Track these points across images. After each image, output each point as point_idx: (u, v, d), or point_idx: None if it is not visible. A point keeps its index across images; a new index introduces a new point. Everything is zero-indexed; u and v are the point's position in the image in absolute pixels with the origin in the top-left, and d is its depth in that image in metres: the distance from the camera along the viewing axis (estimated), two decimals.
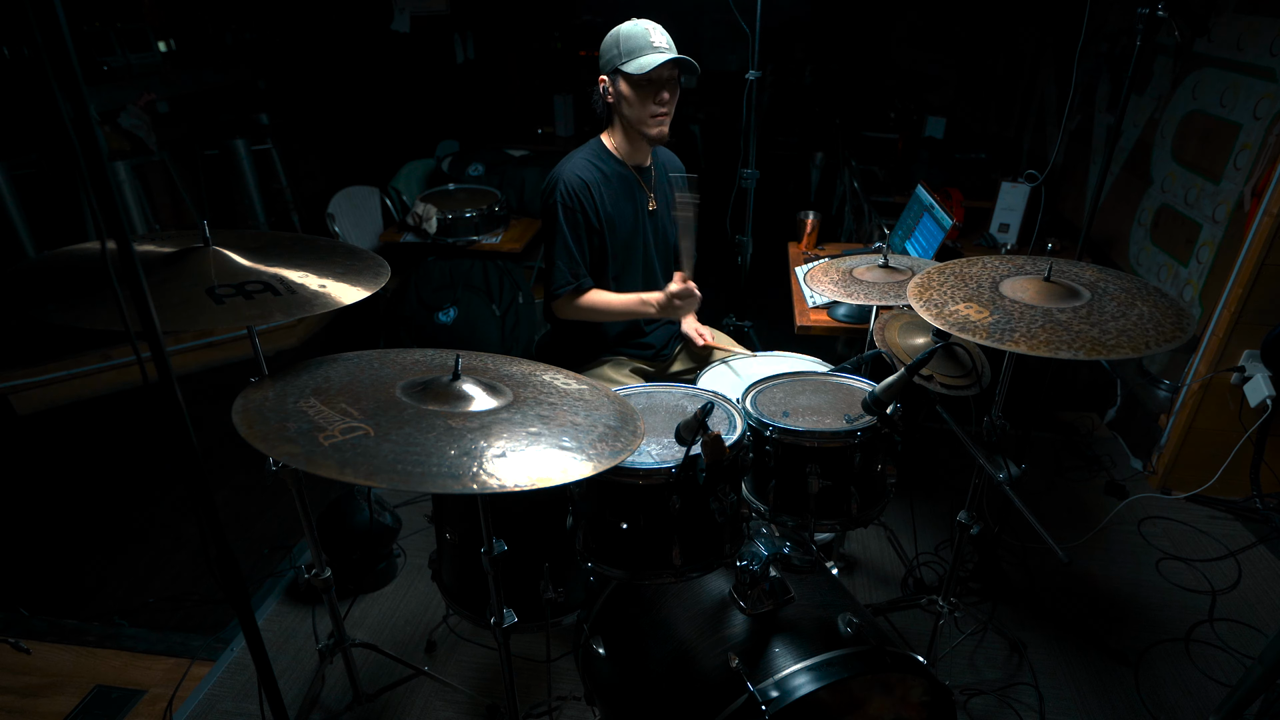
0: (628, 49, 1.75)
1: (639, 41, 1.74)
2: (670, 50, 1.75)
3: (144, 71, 3.84)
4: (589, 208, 1.85)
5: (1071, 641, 2.01)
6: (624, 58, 1.75)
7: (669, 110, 1.82)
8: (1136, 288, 1.35)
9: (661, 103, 1.79)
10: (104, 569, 2.30)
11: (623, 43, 1.76)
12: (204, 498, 1.01)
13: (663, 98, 1.78)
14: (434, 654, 1.98)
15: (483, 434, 1.05)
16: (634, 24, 1.77)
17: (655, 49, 1.74)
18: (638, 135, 1.85)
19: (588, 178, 1.85)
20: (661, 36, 1.76)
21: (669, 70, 1.76)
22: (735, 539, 1.31)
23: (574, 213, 1.83)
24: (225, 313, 1.11)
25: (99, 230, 0.83)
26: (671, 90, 1.80)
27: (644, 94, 1.78)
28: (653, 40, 1.74)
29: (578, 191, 1.83)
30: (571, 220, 1.84)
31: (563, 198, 1.83)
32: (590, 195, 1.85)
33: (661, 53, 1.73)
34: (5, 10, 0.72)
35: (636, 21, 1.78)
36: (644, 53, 1.73)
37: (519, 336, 3.22)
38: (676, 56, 1.74)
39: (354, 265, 1.33)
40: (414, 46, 4.34)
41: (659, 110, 1.80)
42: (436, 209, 3.09)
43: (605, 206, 1.88)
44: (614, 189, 1.90)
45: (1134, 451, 2.79)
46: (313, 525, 1.51)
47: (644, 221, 1.96)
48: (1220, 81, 2.46)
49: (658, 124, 1.82)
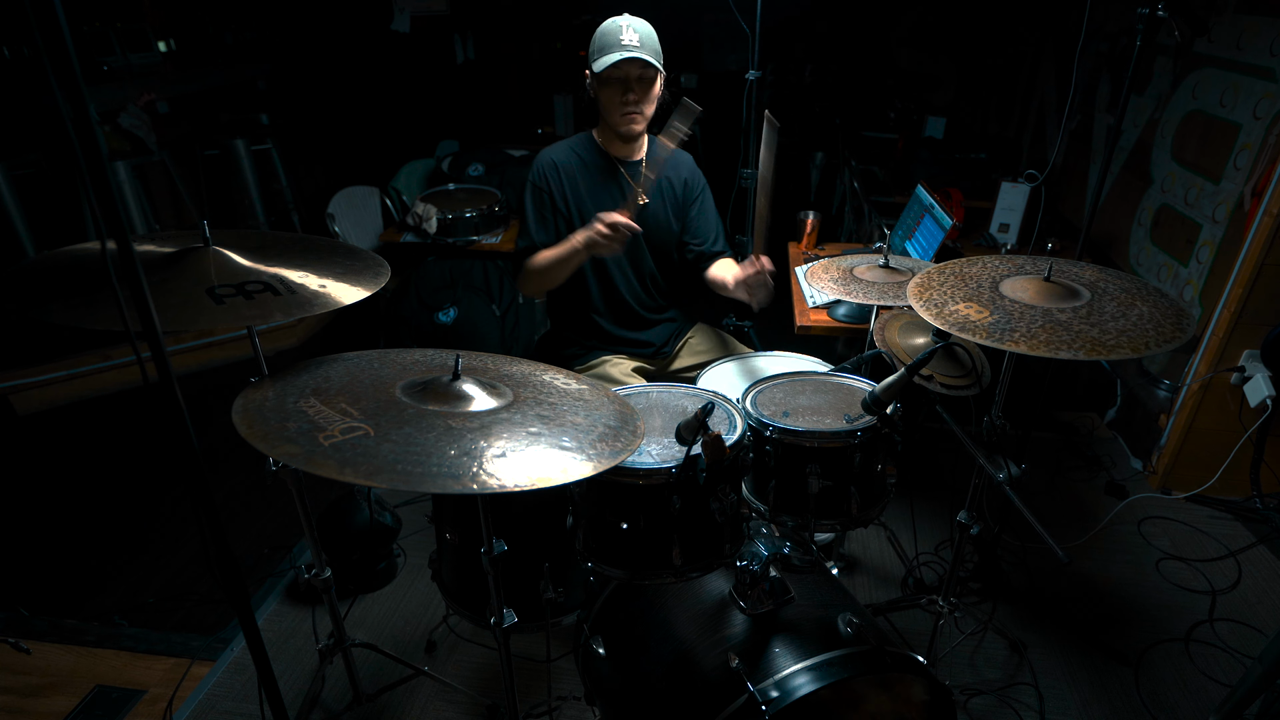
0: (598, 45, 1.76)
1: (609, 39, 1.74)
2: (636, 48, 1.73)
3: (144, 71, 3.84)
4: (555, 190, 1.90)
5: (1071, 641, 2.01)
6: (594, 55, 1.77)
7: (638, 108, 1.81)
8: (1136, 288, 1.35)
9: (628, 101, 1.79)
10: (104, 569, 2.30)
11: (597, 39, 1.77)
12: (204, 498, 1.01)
13: (629, 97, 1.79)
14: (434, 654, 1.98)
15: (483, 434, 1.05)
16: (613, 20, 1.77)
17: (622, 46, 1.73)
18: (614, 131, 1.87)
19: (560, 162, 1.91)
20: (633, 34, 1.74)
21: (636, 68, 1.76)
22: (735, 539, 1.31)
23: (541, 192, 1.91)
24: (225, 313, 1.11)
25: (99, 230, 0.83)
26: (641, 88, 1.79)
27: (611, 90, 1.79)
28: (622, 38, 1.73)
29: (547, 173, 1.91)
30: (538, 199, 1.91)
31: (533, 178, 1.92)
32: (559, 178, 1.90)
33: (625, 50, 1.72)
34: (5, 10, 0.72)
35: (616, 19, 1.77)
36: (610, 50, 1.73)
37: (519, 336, 3.22)
38: (633, 56, 1.72)
39: (354, 265, 1.33)
40: (414, 46, 4.34)
41: (627, 108, 1.80)
42: (436, 209, 3.08)
43: (577, 191, 1.91)
44: (591, 178, 1.92)
45: (1134, 451, 2.79)
46: (313, 525, 1.51)
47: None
48: (1220, 81, 2.46)
49: (627, 120, 1.83)
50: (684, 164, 2.05)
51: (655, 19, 1.78)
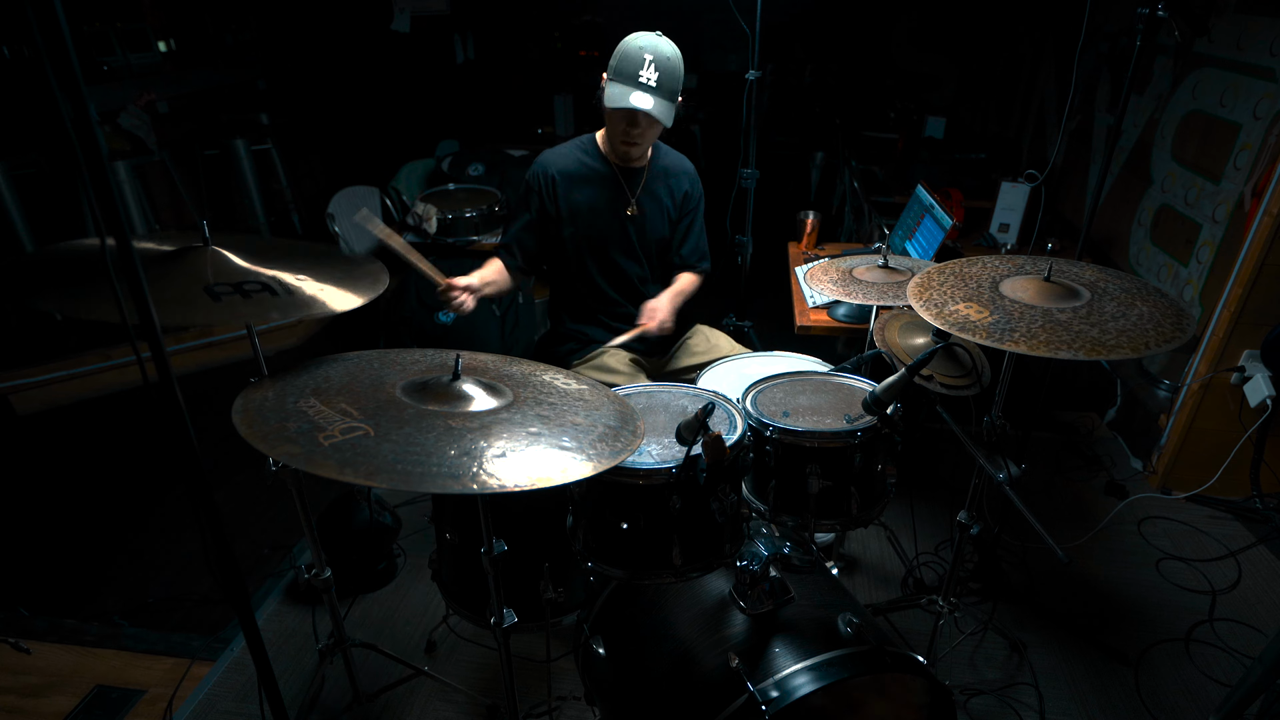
0: (616, 69, 1.74)
1: (629, 68, 1.72)
2: (652, 91, 1.71)
3: (144, 71, 3.84)
4: (547, 198, 1.92)
5: (1071, 641, 2.01)
6: (611, 75, 1.75)
7: (638, 141, 1.82)
8: (1136, 288, 1.35)
9: (629, 136, 1.80)
10: (104, 569, 2.30)
11: (619, 61, 1.74)
12: (204, 498, 1.01)
13: (630, 133, 1.79)
14: (434, 654, 1.98)
15: (483, 434, 1.05)
16: (638, 46, 1.72)
17: (638, 84, 1.70)
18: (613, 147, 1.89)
19: (561, 170, 1.91)
20: (653, 71, 1.70)
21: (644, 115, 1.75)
22: (735, 539, 1.31)
23: (536, 194, 1.92)
24: (222, 310, 1.11)
25: (99, 230, 0.83)
26: (645, 124, 1.78)
27: (615, 117, 1.79)
28: (640, 75, 1.70)
29: (543, 180, 1.91)
30: (526, 202, 1.94)
31: (530, 180, 1.93)
32: (554, 188, 1.91)
33: (639, 90, 1.70)
34: (5, 10, 0.72)
35: (643, 42, 1.73)
36: (624, 83, 1.71)
37: (519, 336, 3.21)
38: (641, 110, 1.70)
39: (352, 271, 1.33)
40: (414, 46, 4.35)
41: (629, 138, 1.81)
42: (436, 209, 3.08)
43: (571, 199, 1.92)
44: (590, 185, 1.93)
45: (1134, 451, 2.79)
46: (313, 525, 1.51)
47: (620, 222, 1.96)
48: (1220, 81, 2.46)
49: (626, 148, 1.85)
50: (686, 174, 2.05)
51: (655, 20, 1.78)
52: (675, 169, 2.03)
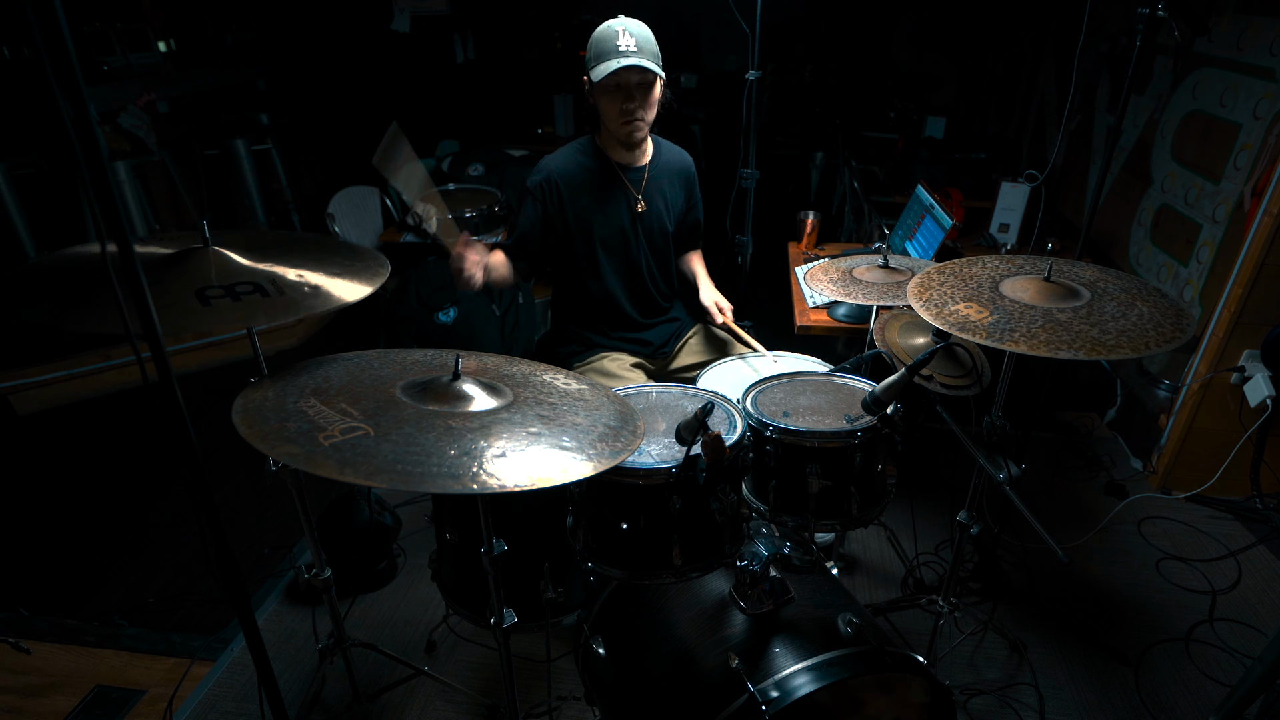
0: (595, 52, 1.74)
1: (606, 45, 1.72)
2: (635, 54, 1.70)
3: (144, 71, 3.84)
4: (552, 206, 1.90)
5: (1071, 641, 2.01)
6: (592, 62, 1.75)
7: (639, 115, 1.79)
8: (1136, 288, 1.35)
9: (628, 110, 1.77)
10: (104, 569, 2.30)
11: (593, 45, 1.75)
12: (204, 498, 1.01)
13: (628, 105, 1.76)
14: (434, 654, 1.98)
15: (483, 434, 1.05)
16: (608, 25, 1.74)
17: (619, 53, 1.70)
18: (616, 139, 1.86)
19: (563, 172, 1.90)
20: (630, 38, 1.71)
21: (635, 75, 1.73)
22: (735, 539, 1.31)
23: (539, 203, 1.90)
24: (223, 314, 1.11)
25: (99, 231, 0.83)
26: (641, 94, 1.77)
27: (610, 98, 1.77)
28: (619, 44, 1.70)
29: (546, 188, 1.89)
30: (533, 209, 1.91)
31: (535, 187, 1.90)
32: (559, 195, 1.89)
33: (623, 57, 1.69)
34: (5, 10, 0.72)
35: (611, 22, 1.74)
36: (608, 57, 1.71)
37: (519, 336, 3.22)
38: (632, 64, 1.69)
39: (352, 264, 1.33)
40: (414, 46, 4.34)
41: (628, 115, 1.78)
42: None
43: (578, 204, 1.90)
44: (594, 188, 1.91)
45: (1134, 451, 2.79)
46: (313, 525, 1.51)
47: (629, 222, 1.96)
48: (1220, 81, 2.46)
49: (629, 128, 1.81)
50: (684, 167, 2.05)
51: (655, 19, 1.77)
52: (676, 164, 2.03)
